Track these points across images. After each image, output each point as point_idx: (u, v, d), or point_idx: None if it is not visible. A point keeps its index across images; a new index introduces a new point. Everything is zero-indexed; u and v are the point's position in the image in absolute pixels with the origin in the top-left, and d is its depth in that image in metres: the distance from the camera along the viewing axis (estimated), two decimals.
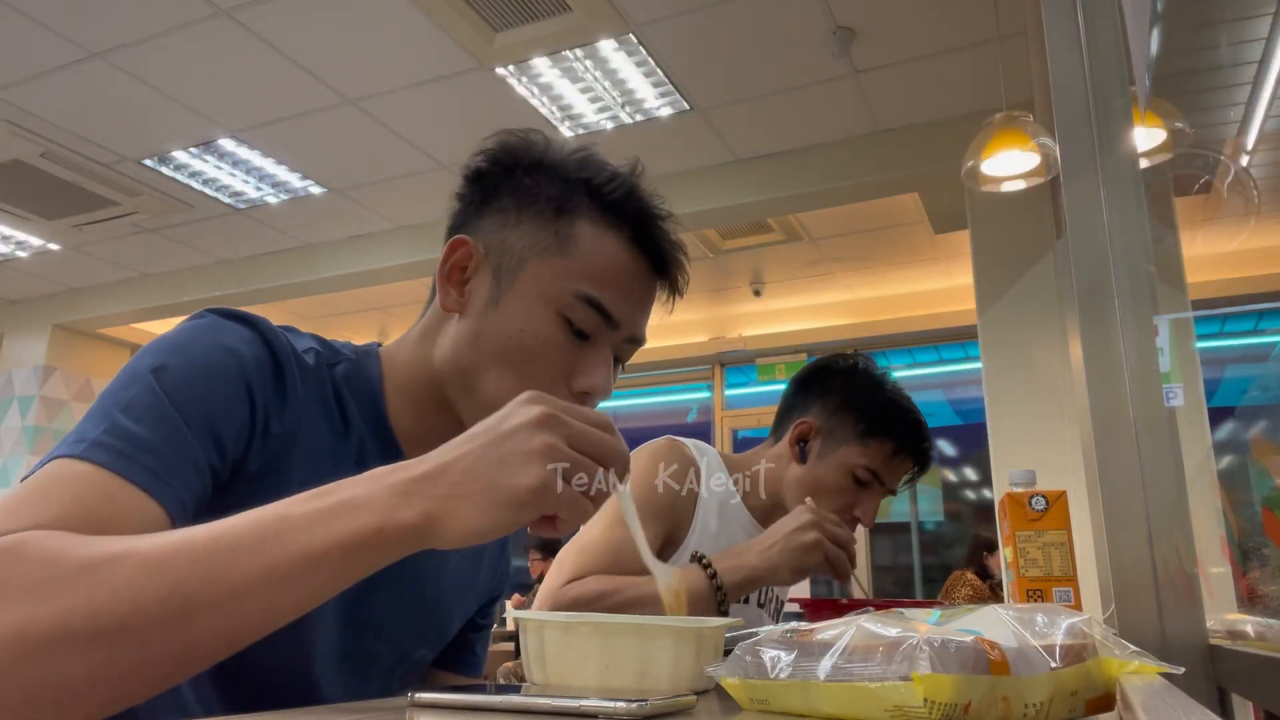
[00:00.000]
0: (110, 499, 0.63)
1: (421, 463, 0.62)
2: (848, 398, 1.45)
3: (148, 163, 4.59)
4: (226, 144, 4.43)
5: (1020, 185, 2.77)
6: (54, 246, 5.64)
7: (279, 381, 0.78)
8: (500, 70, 3.82)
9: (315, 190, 4.93)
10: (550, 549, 5.16)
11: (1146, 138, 1.62)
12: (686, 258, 0.91)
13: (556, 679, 0.65)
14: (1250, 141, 2.41)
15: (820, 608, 1.27)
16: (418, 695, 0.60)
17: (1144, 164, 1.41)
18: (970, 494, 6.50)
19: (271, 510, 0.59)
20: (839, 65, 3.78)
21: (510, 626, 4.36)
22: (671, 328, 6.88)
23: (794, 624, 0.63)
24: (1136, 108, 1.11)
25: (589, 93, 4.02)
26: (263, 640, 0.73)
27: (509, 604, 4.87)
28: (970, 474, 6.54)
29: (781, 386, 1.62)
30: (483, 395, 0.82)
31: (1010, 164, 2.71)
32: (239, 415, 0.73)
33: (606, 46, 3.67)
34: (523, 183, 0.88)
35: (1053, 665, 0.48)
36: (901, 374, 6.70)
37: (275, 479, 0.75)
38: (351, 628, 0.83)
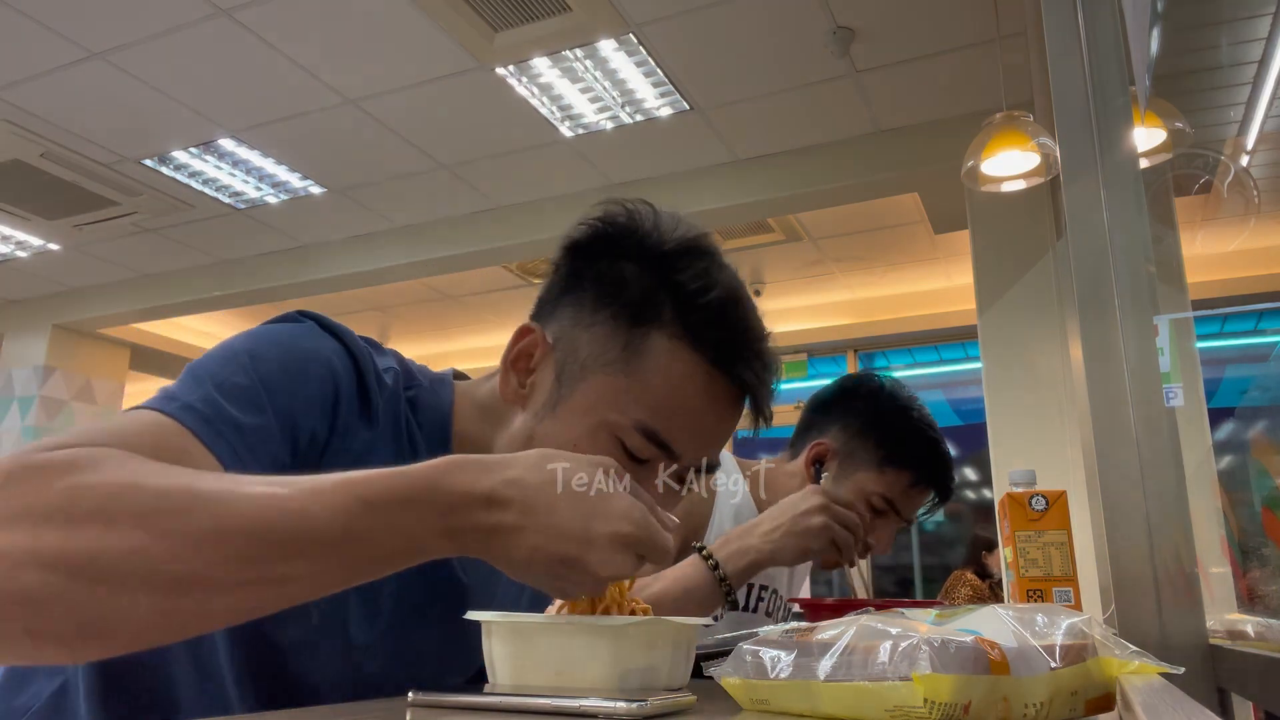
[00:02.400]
0: (183, 453, 0.61)
1: (506, 504, 0.58)
2: (869, 422, 1.39)
3: (148, 163, 4.59)
4: (226, 144, 4.43)
5: (1020, 185, 2.77)
6: (54, 246, 5.64)
7: (364, 401, 0.76)
8: (500, 70, 3.82)
9: (315, 190, 4.93)
10: None
11: (1146, 138, 1.62)
12: (778, 382, 0.82)
13: (503, 679, 0.65)
14: (1250, 141, 2.41)
15: (820, 608, 1.27)
16: (416, 695, 0.60)
17: (1144, 164, 1.41)
18: (970, 494, 6.50)
19: (353, 496, 0.55)
20: (839, 65, 3.78)
21: None
22: None
23: (794, 624, 0.63)
24: (1136, 108, 1.11)
25: (589, 93, 4.01)
26: (310, 662, 0.75)
27: None
28: (970, 474, 6.53)
29: (782, 386, 1.60)
30: None
31: (1010, 164, 2.70)
32: (321, 422, 0.72)
33: (606, 46, 3.67)
34: (609, 272, 0.80)
35: (1053, 665, 0.48)
36: (901, 374, 6.70)
37: None
38: (388, 658, 0.81)
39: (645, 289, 0.78)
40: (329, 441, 0.73)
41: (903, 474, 1.36)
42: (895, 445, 1.37)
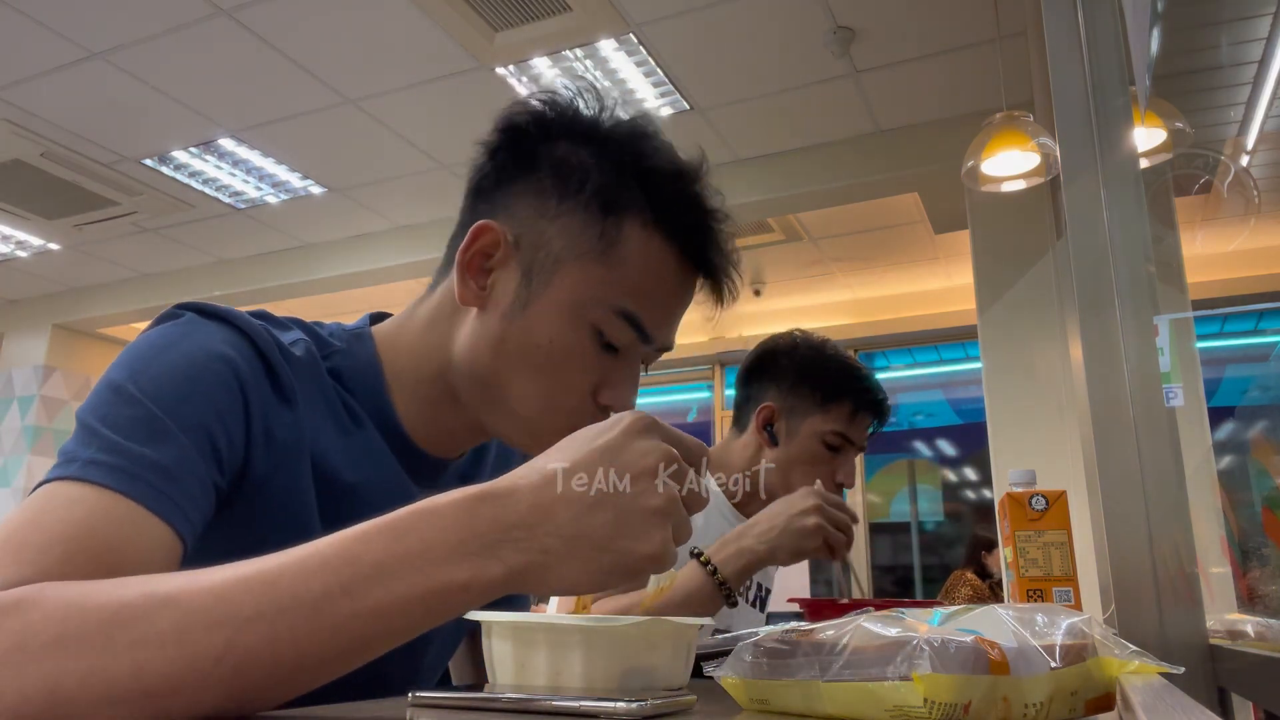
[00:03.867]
0: (116, 522, 0.56)
1: (514, 497, 0.54)
2: (798, 373, 1.53)
3: (148, 163, 4.59)
4: (226, 144, 4.43)
5: (1020, 185, 2.77)
6: (54, 246, 5.64)
7: (274, 383, 0.71)
8: (500, 70, 3.82)
9: (315, 190, 4.93)
10: None
11: (1146, 138, 1.62)
12: (738, 269, 0.83)
13: (503, 679, 0.64)
14: (1250, 141, 2.41)
15: (820, 608, 1.27)
16: (417, 695, 0.60)
17: (1144, 164, 1.41)
18: (970, 494, 6.50)
19: (335, 551, 0.51)
20: (839, 65, 3.78)
21: None
22: None
23: (794, 624, 0.63)
24: (1136, 108, 1.11)
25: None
26: None
27: None
28: (970, 474, 6.53)
29: None
30: (506, 404, 0.77)
31: (1010, 164, 2.70)
32: (235, 423, 0.66)
33: (606, 46, 3.67)
34: (568, 158, 0.77)
35: (1053, 665, 0.48)
36: (901, 374, 6.71)
37: (283, 484, 0.70)
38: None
39: (614, 176, 0.76)
40: (249, 437, 0.68)
41: (844, 405, 1.49)
42: (828, 383, 1.50)
